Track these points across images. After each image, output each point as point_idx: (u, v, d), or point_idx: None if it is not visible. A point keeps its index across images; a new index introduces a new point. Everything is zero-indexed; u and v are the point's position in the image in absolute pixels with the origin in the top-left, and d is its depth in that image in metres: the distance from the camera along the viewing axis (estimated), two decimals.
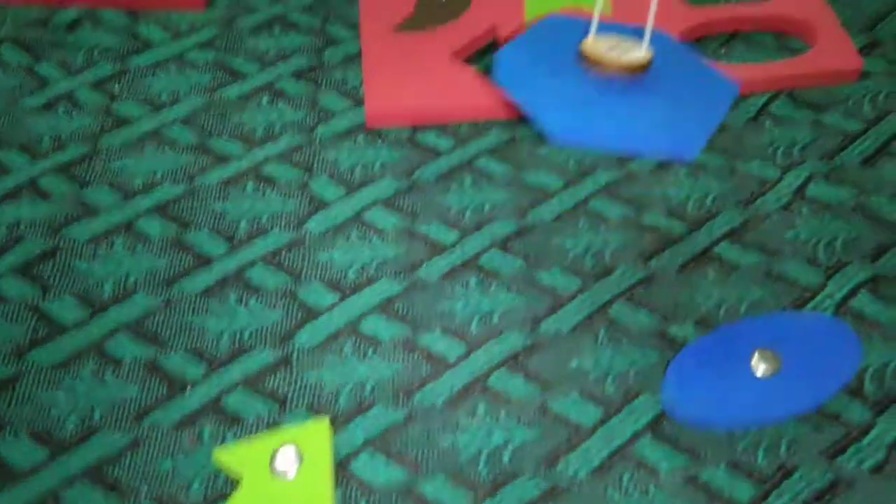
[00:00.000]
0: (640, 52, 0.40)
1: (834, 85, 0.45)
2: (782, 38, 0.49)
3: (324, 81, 0.47)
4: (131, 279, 0.38)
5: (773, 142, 0.43)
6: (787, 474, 0.33)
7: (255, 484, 0.32)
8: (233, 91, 0.47)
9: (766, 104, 0.44)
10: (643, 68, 0.40)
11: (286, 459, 0.32)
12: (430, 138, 0.44)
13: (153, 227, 0.40)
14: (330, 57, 0.49)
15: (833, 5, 0.50)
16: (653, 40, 0.40)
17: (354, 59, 0.49)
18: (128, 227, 0.40)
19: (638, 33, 0.43)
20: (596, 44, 0.41)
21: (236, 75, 0.48)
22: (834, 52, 0.46)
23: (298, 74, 0.48)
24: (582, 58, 0.40)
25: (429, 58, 0.47)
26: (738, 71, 0.45)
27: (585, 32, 0.43)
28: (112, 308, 0.37)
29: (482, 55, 0.48)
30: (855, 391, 0.35)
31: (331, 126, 0.45)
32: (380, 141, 0.44)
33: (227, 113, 0.46)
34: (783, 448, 0.33)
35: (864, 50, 0.48)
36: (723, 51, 0.48)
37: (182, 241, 0.40)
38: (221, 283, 0.38)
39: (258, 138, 0.44)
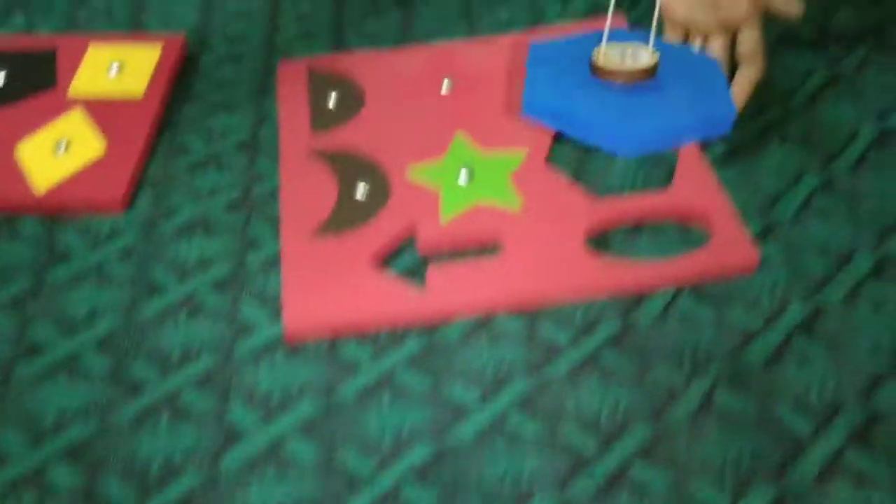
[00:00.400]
0: (647, 57, 0.42)
1: (734, 276, 0.47)
2: (684, 227, 0.51)
3: (245, 289, 0.48)
4: None
5: (679, 344, 0.44)
6: None
7: None
8: (151, 308, 0.47)
9: (671, 301, 0.46)
10: (653, 71, 0.42)
11: None
12: (350, 350, 0.45)
13: (62, 475, 0.40)
14: (251, 261, 0.49)
15: (729, 187, 0.52)
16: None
17: (276, 262, 0.49)
18: (35, 475, 0.39)
19: (640, 38, 0.46)
20: (606, 55, 0.43)
21: (155, 289, 0.48)
22: (731, 246, 0.48)
23: (219, 284, 0.48)
24: (595, 70, 0.42)
25: (347, 263, 0.48)
26: (638, 270, 0.46)
27: (590, 47, 0.46)
28: None
29: (400, 254, 0.49)
30: None
31: (249, 342, 0.45)
32: (299, 357, 0.44)
33: (144, 333, 0.46)
34: None
35: (761, 235, 0.49)
36: (627, 244, 0.49)
37: (92, 493, 0.39)
38: None
39: (175, 361, 0.44)
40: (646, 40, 0.45)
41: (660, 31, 0.61)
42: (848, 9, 0.66)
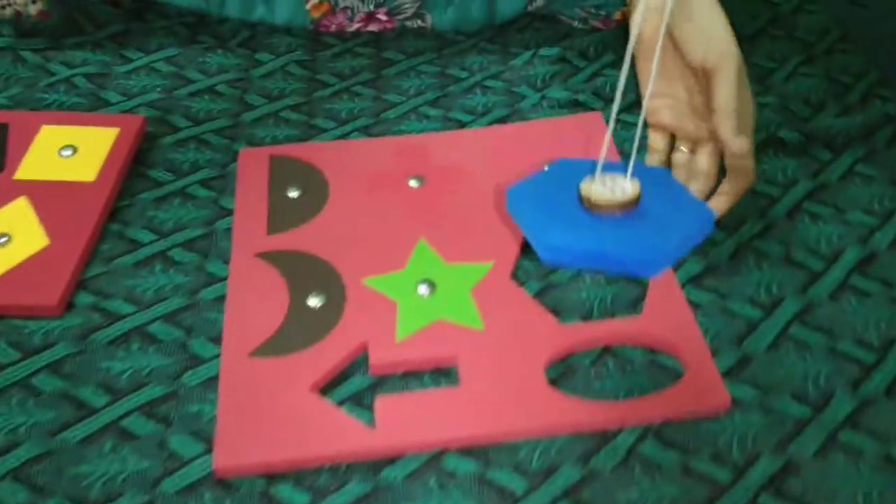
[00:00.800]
0: (629, 185, 0.42)
1: (703, 417, 0.44)
2: (653, 353, 0.48)
3: (177, 417, 0.44)
4: None
5: (642, 497, 0.41)
6: None
7: None
8: (75, 434, 0.43)
9: (633, 445, 0.43)
10: (634, 203, 0.42)
11: None
12: (286, 491, 0.41)
13: None
14: (189, 381, 0.46)
15: (702, 312, 0.49)
16: (639, 172, 0.43)
17: (214, 382, 0.46)
18: None
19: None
20: (592, 185, 0.43)
21: (83, 409, 0.44)
22: (701, 386, 0.45)
23: (150, 411, 0.44)
24: (581, 199, 0.42)
25: (290, 389, 0.44)
26: (601, 409, 0.43)
27: (564, 179, 0.45)
28: None
29: (351, 373, 0.46)
30: None
31: (177, 479, 0.41)
32: (229, 497, 0.41)
33: (64, 468, 0.42)
34: None
35: (733, 371, 0.46)
36: (592, 372, 0.46)
37: None
38: None
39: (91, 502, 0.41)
40: (611, 168, 0.45)
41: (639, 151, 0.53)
42: (834, 112, 0.63)
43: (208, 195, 0.57)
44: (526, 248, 0.52)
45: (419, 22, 0.73)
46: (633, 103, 0.63)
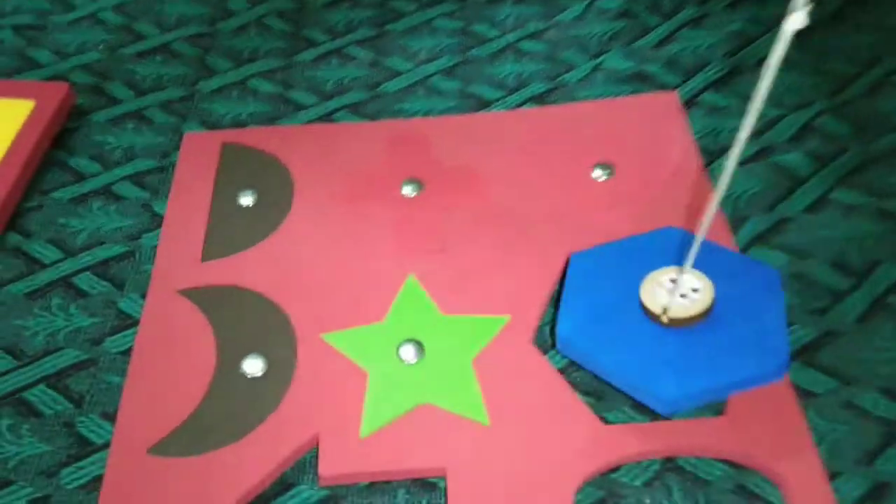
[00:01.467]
0: (702, 293, 0.32)
1: None
2: (738, 469, 0.32)
3: None
4: None
5: None
6: None
7: None
8: None
9: None
10: (708, 311, 0.32)
11: None
12: None
13: None
14: (67, 480, 0.32)
15: (814, 412, 0.34)
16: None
17: (99, 485, 0.32)
18: None
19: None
20: (658, 291, 0.33)
21: None
22: None
23: None
24: (648, 312, 0.33)
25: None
26: None
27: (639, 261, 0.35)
28: None
29: (285, 492, 0.32)
30: None
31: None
32: None
33: None
34: None
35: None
36: (648, 499, 0.31)
37: None
38: None
39: None
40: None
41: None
42: None
43: (139, 196, 0.43)
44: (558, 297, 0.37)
45: None
46: (716, 80, 0.47)
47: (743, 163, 0.43)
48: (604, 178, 0.41)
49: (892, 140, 0.43)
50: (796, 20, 0.25)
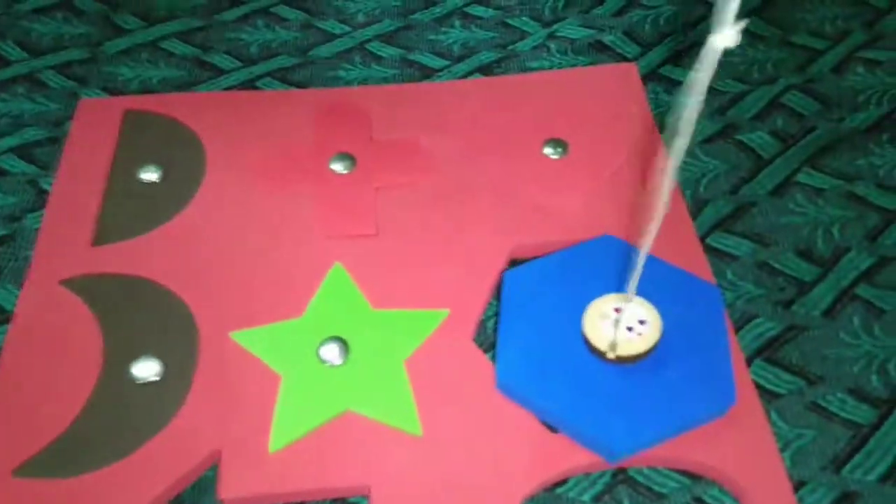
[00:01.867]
0: (649, 327, 0.29)
1: None
2: (693, 479, 0.29)
3: None
4: None
5: None
6: None
7: None
8: None
9: None
10: (654, 347, 0.29)
11: None
12: None
13: None
14: None
15: (775, 414, 0.31)
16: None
17: None
18: None
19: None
20: (598, 324, 0.29)
21: None
22: None
23: None
24: (592, 348, 0.29)
25: None
26: None
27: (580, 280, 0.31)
28: None
29: None
30: None
31: None
32: None
33: None
34: None
35: None
36: None
37: None
38: None
39: None
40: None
41: None
42: None
43: (26, 171, 0.37)
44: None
45: None
46: (678, 52, 0.44)
47: (706, 141, 0.39)
48: (556, 156, 0.38)
49: (861, 120, 0.40)
50: (726, 38, 0.21)
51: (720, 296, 0.31)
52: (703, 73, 0.20)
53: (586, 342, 0.30)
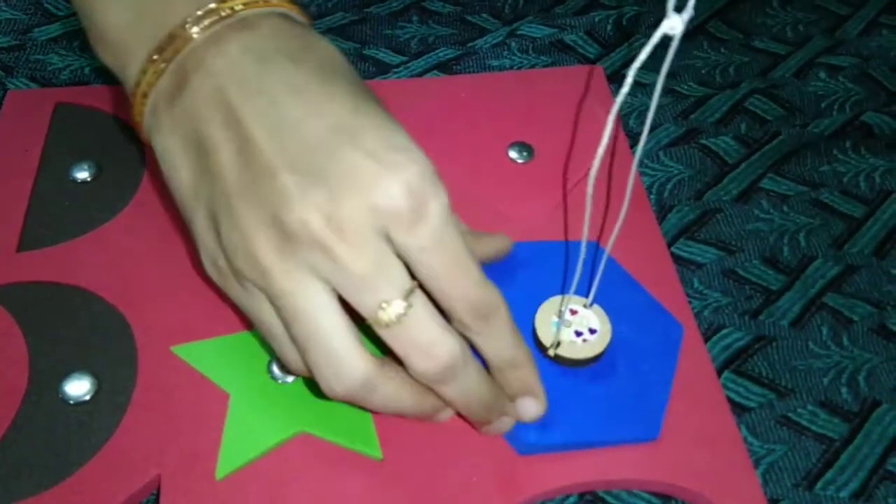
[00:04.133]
0: (598, 335, 0.29)
1: None
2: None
3: None
4: None
5: None
6: None
7: None
8: None
9: None
10: (592, 360, 0.29)
11: None
12: None
13: None
14: None
15: (749, 433, 0.30)
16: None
17: None
18: None
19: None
20: (549, 319, 0.29)
21: None
22: None
23: None
24: (539, 344, 0.28)
25: None
26: None
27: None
28: None
29: None
30: None
31: None
32: None
33: None
34: None
35: None
36: None
37: None
38: None
39: None
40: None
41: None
42: None
43: None
44: None
45: None
46: (636, 56, 0.43)
47: (670, 145, 0.39)
48: (521, 160, 0.36)
49: (825, 126, 0.40)
50: (672, 25, 0.20)
51: (681, 334, 0.30)
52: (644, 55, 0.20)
53: (533, 333, 0.30)
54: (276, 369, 0.28)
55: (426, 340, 0.23)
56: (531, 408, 0.27)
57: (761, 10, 0.46)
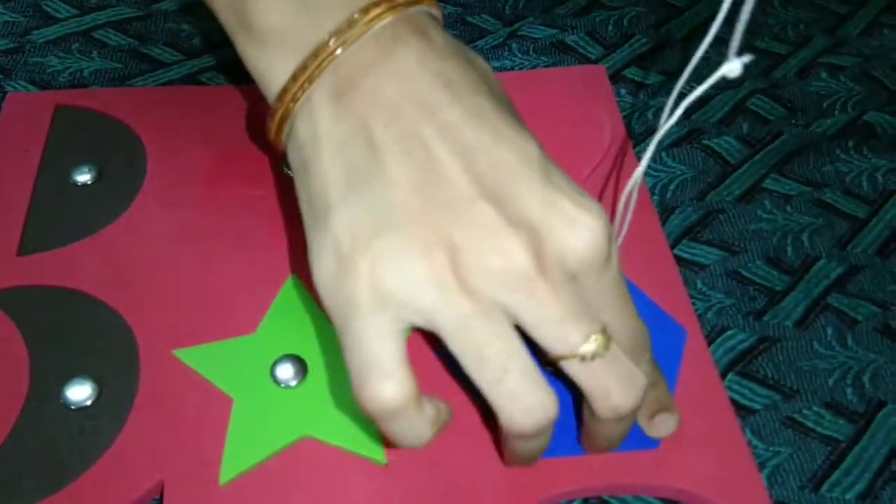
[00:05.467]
0: None
1: None
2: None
3: None
4: None
5: None
6: None
7: None
8: None
9: None
10: None
11: None
12: None
13: None
14: None
15: (753, 434, 0.30)
16: None
17: None
18: None
19: None
20: None
21: None
22: None
23: None
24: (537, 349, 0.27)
25: None
26: None
27: None
28: None
29: None
30: None
31: None
32: None
33: None
34: None
35: None
36: None
37: None
38: None
39: None
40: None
41: None
42: None
43: None
44: None
45: None
46: (642, 54, 0.42)
47: (672, 146, 0.39)
48: None
49: (827, 125, 0.40)
50: (732, 68, 0.21)
51: (684, 338, 0.30)
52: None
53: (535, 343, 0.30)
54: (278, 374, 0.28)
55: (625, 372, 0.23)
56: (670, 423, 0.27)
57: (762, 9, 0.47)
